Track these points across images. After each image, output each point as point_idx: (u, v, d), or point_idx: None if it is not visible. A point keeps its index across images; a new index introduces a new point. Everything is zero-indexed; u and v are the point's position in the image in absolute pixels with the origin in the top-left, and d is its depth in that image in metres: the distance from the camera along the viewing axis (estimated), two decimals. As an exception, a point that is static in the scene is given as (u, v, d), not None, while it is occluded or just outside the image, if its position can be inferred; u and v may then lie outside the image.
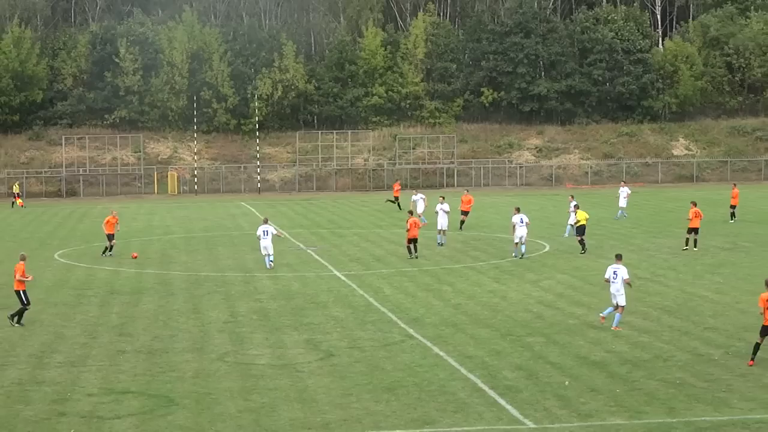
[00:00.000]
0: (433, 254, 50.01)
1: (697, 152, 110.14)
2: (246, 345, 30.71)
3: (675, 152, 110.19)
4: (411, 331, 32.34)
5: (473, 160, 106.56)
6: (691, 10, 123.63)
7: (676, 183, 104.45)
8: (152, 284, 42.53)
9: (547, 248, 51.73)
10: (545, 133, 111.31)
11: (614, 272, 32.40)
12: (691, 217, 50.76)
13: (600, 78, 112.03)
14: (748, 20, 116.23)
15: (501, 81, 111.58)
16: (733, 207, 63.89)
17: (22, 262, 33.96)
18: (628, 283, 32.31)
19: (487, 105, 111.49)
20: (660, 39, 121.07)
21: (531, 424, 22.67)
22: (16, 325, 33.28)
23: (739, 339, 30.38)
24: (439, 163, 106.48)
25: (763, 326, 27.09)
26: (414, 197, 65.08)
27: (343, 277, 43.71)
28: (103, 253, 50.79)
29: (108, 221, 51.03)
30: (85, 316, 35.42)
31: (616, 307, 32.42)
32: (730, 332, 31.43)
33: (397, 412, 23.51)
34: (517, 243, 48.50)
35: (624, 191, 68.52)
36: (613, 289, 32.43)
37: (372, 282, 42.26)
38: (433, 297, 38.52)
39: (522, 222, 48.26)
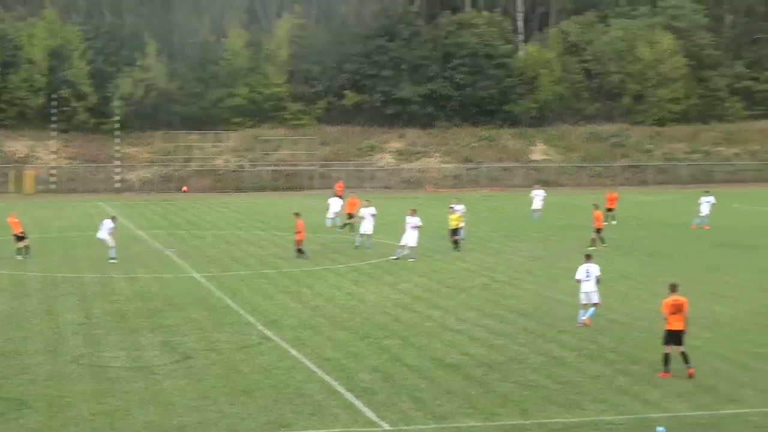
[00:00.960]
0: (293, 257, 49.78)
1: (554, 157, 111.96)
2: (101, 347, 30.25)
3: (534, 157, 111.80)
4: (269, 333, 32.23)
5: (335, 162, 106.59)
6: (552, 16, 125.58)
7: (533, 187, 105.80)
8: (5, 285, 41.59)
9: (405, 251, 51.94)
10: (407, 137, 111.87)
11: (587, 272, 33.27)
12: (597, 218, 53.38)
13: (462, 82, 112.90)
14: (607, 27, 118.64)
15: (364, 84, 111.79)
16: (609, 210, 64.74)
17: None
18: (598, 280, 33.33)
19: (349, 107, 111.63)
20: (522, 44, 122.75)
21: (387, 426, 22.77)
22: None
23: (592, 342, 30.97)
24: (301, 165, 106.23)
25: (666, 331, 27.28)
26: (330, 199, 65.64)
27: (201, 279, 43.36)
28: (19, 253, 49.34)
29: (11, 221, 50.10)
30: (-67, 318, 34.49)
31: (587, 305, 33.17)
32: (583, 335, 32.01)
33: (253, 415, 23.40)
34: (403, 245, 48.89)
35: (539, 194, 70.08)
36: (585, 288, 33.26)
37: (230, 284, 42.01)
38: (291, 299, 38.44)
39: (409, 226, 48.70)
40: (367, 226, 53.22)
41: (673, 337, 27.04)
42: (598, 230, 53.63)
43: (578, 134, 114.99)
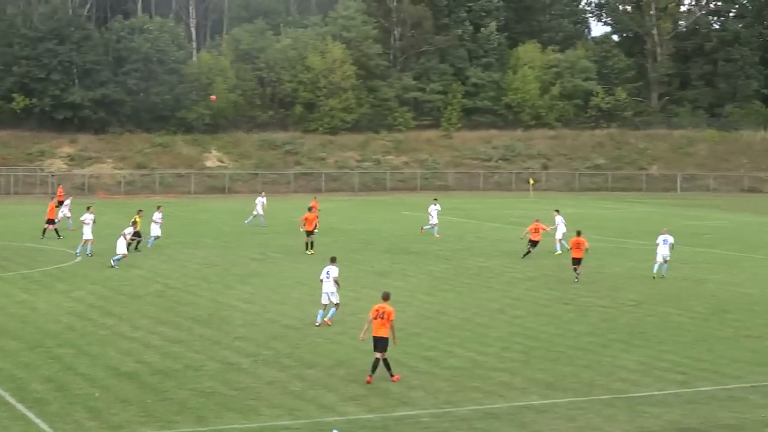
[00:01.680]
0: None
1: (229, 164, 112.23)
2: None
3: (208, 164, 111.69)
4: (-67, 345, 30.80)
5: (3, 167, 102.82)
6: (225, 23, 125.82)
7: (208, 194, 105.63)
8: None
9: (79, 258, 50.80)
10: (78, 142, 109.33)
11: (327, 272, 34.73)
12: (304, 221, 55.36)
13: (135, 88, 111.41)
14: (279, 36, 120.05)
15: (33, 87, 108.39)
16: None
17: None
18: (336, 281, 34.95)
19: (18, 111, 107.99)
20: (195, 51, 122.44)
21: (60, 438, 22.25)
22: None
23: (268, 348, 31.26)
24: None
25: (373, 337, 27.50)
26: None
27: None
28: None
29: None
30: None
31: (328, 305, 34.67)
32: (259, 341, 32.26)
33: None
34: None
35: (260, 201, 70.37)
36: (326, 288, 34.62)
37: None
38: (-43, 310, 36.84)
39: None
40: (87, 232, 52.09)
41: (377, 343, 27.47)
42: (309, 233, 55.02)
43: (252, 141, 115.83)
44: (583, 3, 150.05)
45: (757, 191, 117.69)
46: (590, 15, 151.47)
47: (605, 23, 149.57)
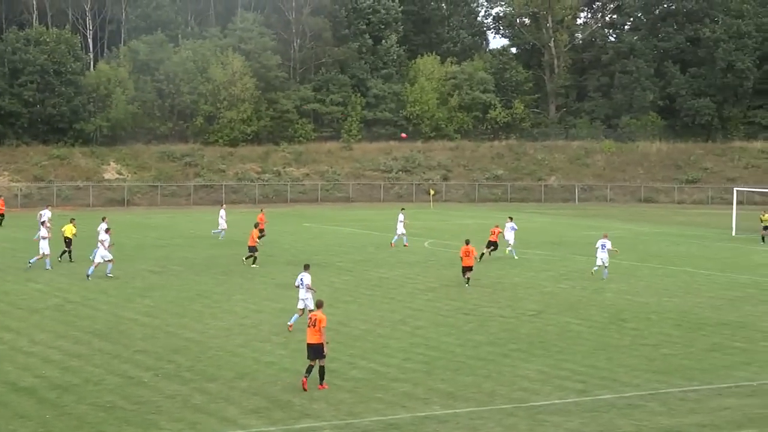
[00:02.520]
0: None
1: (128, 176, 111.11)
2: None
3: (106, 176, 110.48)
4: None
5: None
6: (122, 34, 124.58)
7: (107, 206, 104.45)
8: None
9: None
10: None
11: (300, 279, 35.67)
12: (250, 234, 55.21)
13: (31, 99, 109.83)
14: (177, 48, 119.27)
15: None
16: (261, 231, 65.10)
17: None
18: (308, 287, 35.69)
19: None
20: (92, 62, 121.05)
21: (-44, 457, 21.84)
22: None
23: (169, 361, 31.01)
24: None
25: (307, 345, 27.90)
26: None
27: None
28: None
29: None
30: None
31: (304, 310, 35.18)
32: (159, 354, 31.98)
33: None
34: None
35: (222, 214, 70.13)
36: (301, 294, 35.65)
37: None
38: None
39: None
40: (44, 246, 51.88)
41: (311, 351, 27.82)
42: (253, 248, 54.63)
43: (151, 153, 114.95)
44: (481, 15, 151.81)
45: (653, 201, 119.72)
46: (488, 28, 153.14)
47: (503, 36, 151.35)
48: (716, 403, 27.06)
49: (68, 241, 54.36)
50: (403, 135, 45.43)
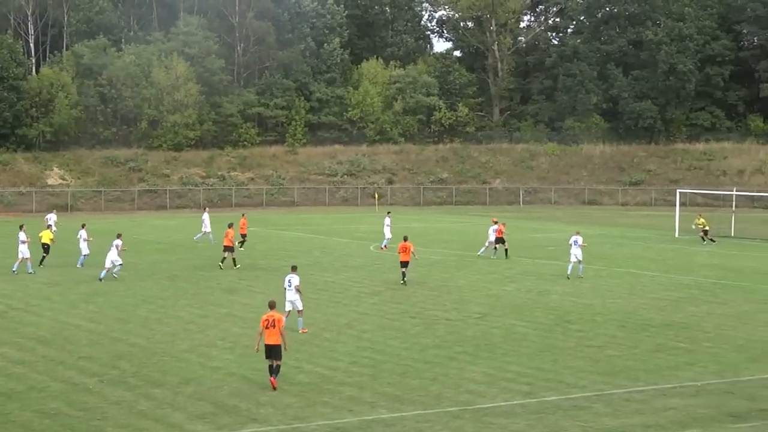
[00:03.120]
0: None
1: (71, 182, 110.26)
2: None
3: (50, 181, 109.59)
4: None
5: None
6: (65, 39, 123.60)
7: (49, 212, 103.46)
8: None
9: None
10: None
11: (288, 281, 36.49)
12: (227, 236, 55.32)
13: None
14: (120, 52, 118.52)
15: None
16: (243, 236, 64.92)
17: None
18: (298, 289, 38.01)
19: None
20: (35, 67, 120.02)
21: None
22: None
23: (113, 367, 30.80)
24: None
25: (266, 346, 28.15)
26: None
27: None
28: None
29: None
30: None
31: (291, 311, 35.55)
32: (104, 360, 31.76)
33: None
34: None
35: (206, 216, 70.38)
36: (289, 296, 36.57)
37: None
38: None
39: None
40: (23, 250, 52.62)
41: (270, 351, 28.16)
42: (229, 248, 55.31)
43: (95, 158, 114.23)
44: (425, 19, 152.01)
45: (597, 203, 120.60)
46: (432, 31, 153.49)
47: (447, 39, 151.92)
48: (661, 403, 27.29)
49: (46, 247, 55.08)
50: (376, 194, 46.35)
